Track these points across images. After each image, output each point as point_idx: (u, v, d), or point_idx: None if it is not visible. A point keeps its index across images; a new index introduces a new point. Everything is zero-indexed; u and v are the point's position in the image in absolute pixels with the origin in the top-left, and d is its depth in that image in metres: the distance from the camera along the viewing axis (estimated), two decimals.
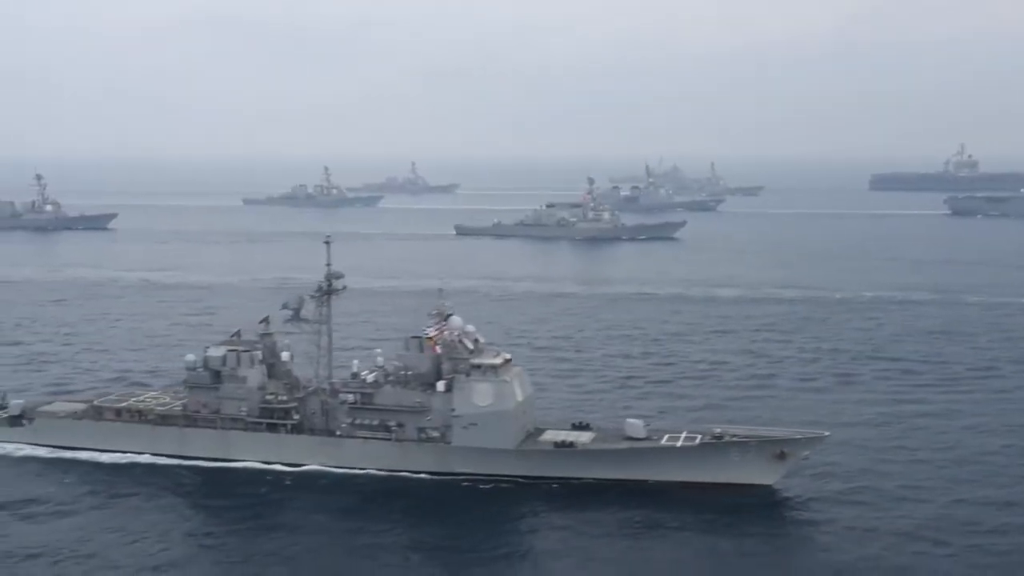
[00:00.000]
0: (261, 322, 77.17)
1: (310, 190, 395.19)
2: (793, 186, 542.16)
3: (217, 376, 73.83)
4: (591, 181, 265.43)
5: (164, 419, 74.82)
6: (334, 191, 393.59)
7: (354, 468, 70.58)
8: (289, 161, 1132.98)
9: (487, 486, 68.90)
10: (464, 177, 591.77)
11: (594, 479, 68.45)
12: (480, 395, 67.71)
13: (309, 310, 74.97)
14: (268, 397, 72.87)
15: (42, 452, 76.14)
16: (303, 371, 76.72)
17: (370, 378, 72.43)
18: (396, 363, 72.13)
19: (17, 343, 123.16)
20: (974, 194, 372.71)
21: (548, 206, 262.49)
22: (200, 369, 74.35)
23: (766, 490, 67.13)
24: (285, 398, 72.38)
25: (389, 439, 70.04)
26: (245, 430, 72.95)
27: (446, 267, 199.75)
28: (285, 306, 75.89)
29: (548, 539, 61.81)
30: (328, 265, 75.19)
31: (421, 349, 71.76)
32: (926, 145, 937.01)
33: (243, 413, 72.72)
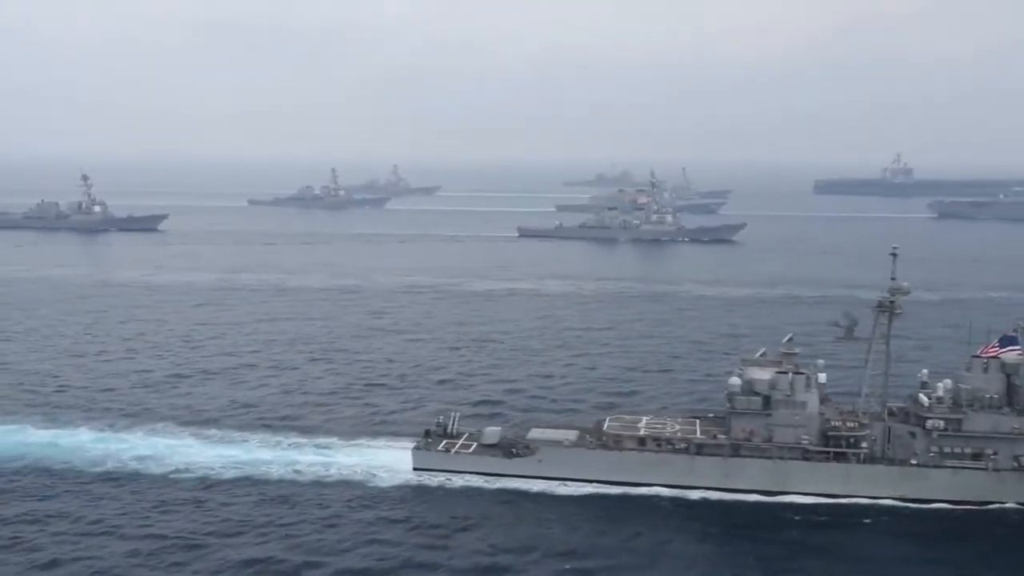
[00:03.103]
0: (786, 341, 67.01)
1: (317, 191, 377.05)
2: (745, 191, 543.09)
3: (767, 401, 63.52)
4: (652, 185, 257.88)
5: (701, 448, 63.99)
6: (341, 192, 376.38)
7: (935, 500, 61.23)
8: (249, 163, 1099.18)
9: None
10: (437, 179, 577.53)
11: None
12: None
13: (863, 328, 65.25)
14: (835, 423, 62.83)
15: (543, 485, 64.69)
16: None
17: (929, 401, 63.10)
18: (964, 386, 62.93)
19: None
20: (957, 199, 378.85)
21: (610, 208, 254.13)
22: (743, 394, 63.83)
23: None
24: (853, 424, 62.46)
25: (984, 469, 60.95)
26: (804, 460, 62.80)
27: (582, 270, 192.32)
28: (836, 323, 65.79)
29: None
30: (893, 279, 65.44)
31: (985, 370, 62.91)
32: (862, 155, 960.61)
33: (804, 442, 62.57)
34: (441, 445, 67.61)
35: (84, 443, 77.02)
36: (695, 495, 62.93)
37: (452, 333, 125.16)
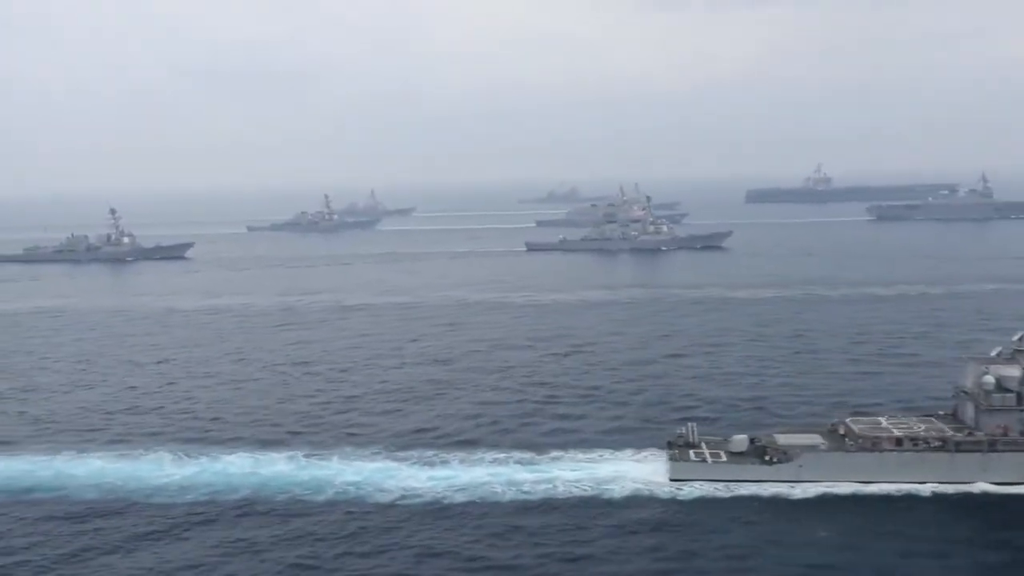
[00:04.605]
0: (1017, 339, 62.60)
1: (311, 216, 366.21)
2: (687, 202, 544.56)
3: (1019, 397, 59.11)
4: (648, 199, 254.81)
5: (959, 445, 59.25)
6: (335, 217, 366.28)
7: None
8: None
9: None
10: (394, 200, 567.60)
11: None
12: None
13: None
14: None
15: (789, 489, 59.44)
16: None
17: None
18: None
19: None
20: (893, 202, 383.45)
21: (610, 221, 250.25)
22: (997, 391, 59.33)
23: None
24: None
25: None
26: None
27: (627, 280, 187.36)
28: None
29: None
30: None
31: None
32: (786, 164, 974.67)
33: None
34: (692, 455, 61.69)
35: (285, 471, 69.40)
36: (954, 490, 58.58)
37: (541, 342, 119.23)
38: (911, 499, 58.13)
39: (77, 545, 57.68)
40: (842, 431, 62.05)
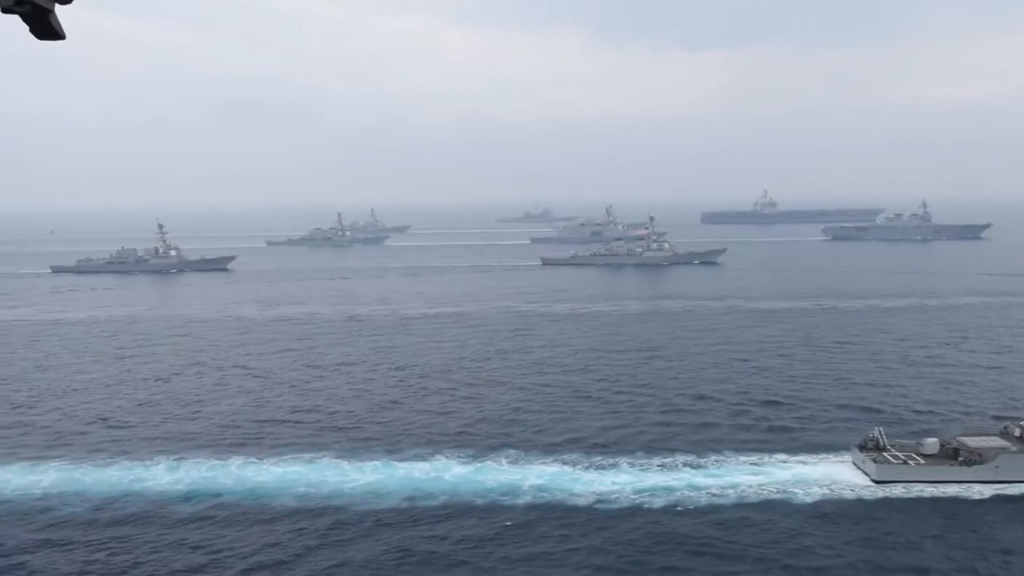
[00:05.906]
0: None
1: (326, 232, 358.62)
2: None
3: None
4: (652, 219, 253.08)
5: None
6: (347, 233, 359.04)
7: None
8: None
9: None
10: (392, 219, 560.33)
11: None
12: None
13: None
14: None
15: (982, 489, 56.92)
16: None
17: None
18: None
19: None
20: (846, 224, 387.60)
21: (616, 239, 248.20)
22: None
23: None
24: None
25: None
26: None
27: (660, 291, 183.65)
28: None
29: None
30: None
31: None
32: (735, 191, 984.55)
33: None
34: (890, 458, 58.70)
35: (465, 474, 64.82)
36: None
37: (612, 348, 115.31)
38: None
39: (300, 545, 52.76)
40: (1017, 433, 59.66)
